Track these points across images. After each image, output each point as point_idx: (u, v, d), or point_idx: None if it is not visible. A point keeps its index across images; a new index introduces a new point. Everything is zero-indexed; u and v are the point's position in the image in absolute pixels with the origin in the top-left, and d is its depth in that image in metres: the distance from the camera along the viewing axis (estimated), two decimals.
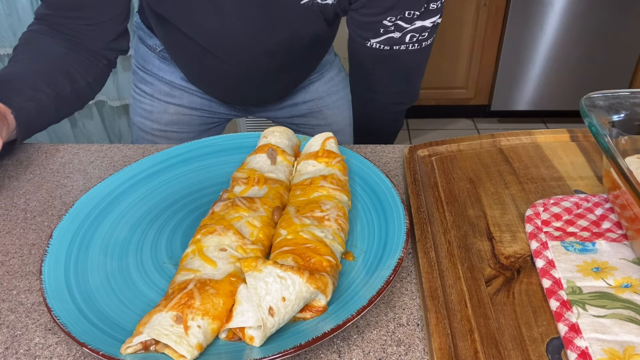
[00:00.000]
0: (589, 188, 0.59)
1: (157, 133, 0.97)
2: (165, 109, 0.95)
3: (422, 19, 0.73)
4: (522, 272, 0.48)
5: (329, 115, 1.00)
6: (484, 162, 0.65)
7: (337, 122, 1.00)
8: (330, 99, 0.99)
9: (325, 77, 0.98)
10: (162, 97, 0.95)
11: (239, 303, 0.41)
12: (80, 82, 0.76)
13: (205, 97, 0.96)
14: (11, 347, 0.44)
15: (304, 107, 0.99)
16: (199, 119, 0.98)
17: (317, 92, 0.98)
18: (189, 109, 0.96)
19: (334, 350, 0.43)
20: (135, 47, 0.96)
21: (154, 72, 0.93)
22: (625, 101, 0.54)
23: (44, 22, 0.75)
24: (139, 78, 0.95)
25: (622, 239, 0.50)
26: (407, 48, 0.77)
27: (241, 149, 0.67)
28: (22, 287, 0.51)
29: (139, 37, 0.93)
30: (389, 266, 0.46)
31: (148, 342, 0.40)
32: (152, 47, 0.91)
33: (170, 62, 0.92)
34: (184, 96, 0.95)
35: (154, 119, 0.96)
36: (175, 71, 0.93)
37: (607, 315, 0.41)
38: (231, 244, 0.47)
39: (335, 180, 0.55)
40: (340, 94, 1.00)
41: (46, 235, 0.58)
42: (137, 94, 0.96)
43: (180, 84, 0.94)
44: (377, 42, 0.76)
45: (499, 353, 0.40)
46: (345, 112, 1.01)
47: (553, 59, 2.44)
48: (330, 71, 0.99)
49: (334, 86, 0.99)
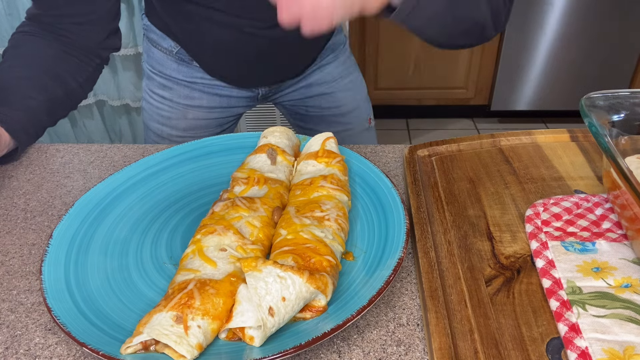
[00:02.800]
0: (589, 188, 0.59)
1: (175, 139, 0.97)
2: (184, 114, 0.95)
3: None
4: (522, 272, 0.48)
5: (340, 97, 1.01)
6: (484, 162, 0.65)
7: (346, 105, 1.02)
8: (342, 81, 1.01)
9: (340, 59, 1.00)
10: (182, 101, 0.94)
11: (239, 303, 0.41)
12: (72, 84, 0.76)
13: (224, 93, 0.95)
14: (11, 347, 0.44)
15: (318, 89, 1.00)
16: (215, 121, 0.98)
17: (331, 74, 0.99)
18: (208, 110, 0.96)
19: (334, 350, 0.43)
20: (147, 51, 0.94)
21: (172, 75, 0.92)
22: (625, 101, 0.54)
23: (35, 22, 0.75)
24: (157, 84, 0.94)
25: (622, 239, 0.50)
26: None
27: (241, 149, 0.67)
28: (22, 287, 0.51)
29: (151, 40, 0.92)
30: (389, 266, 0.46)
31: (148, 342, 0.40)
32: (167, 50, 0.90)
33: (189, 63, 0.91)
34: (203, 97, 0.94)
35: (172, 125, 0.96)
36: (193, 72, 0.92)
37: (607, 315, 0.41)
38: (231, 244, 0.47)
39: (335, 180, 0.55)
40: (351, 77, 1.02)
41: (46, 235, 0.58)
42: (154, 100, 0.95)
43: (200, 82, 0.93)
44: None
45: (499, 353, 0.40)
46: (357, 95, 1.03)
47: (553, 59, 2.44)
48: (344, 53, 1.01)
49: (345, 69, 1.01)
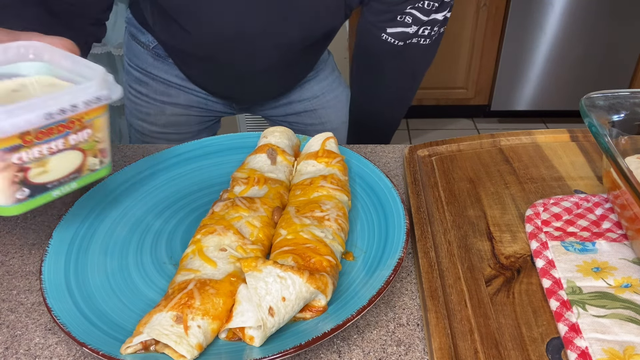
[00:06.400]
0: (589, 188, 0.59)
1: (156, 135, 0.97)
2: (161, 110, 0.94)
3: (437, 12, 0.75)
4: (522, 272, 0.48)
5: (323, 114, 1.00)
6: (484, 162, 0.65)
7: (331, 121, 1.01)
8: (324, 97, 0.99)
9: (320, 76, 0.98)
10: (159, 97, 0.93)
11: (239, 303, 0.41)
12: None
13: (202, 95, 0.94)
14: (11, 347, 0.44)
15: (299, 105, 0.99)
16: (195, 118, 0.98)
17: (312, 90, 0.98)
18: (186, 107, 0.95)
19: (334, 350, 0.43)
20: (127, 44, 0.93)
21: (148, 70, 0.91)
22: (625, 101, 0.54)
23: None
24: (133, 78, 0.93)
25: (622, 239, 0.50)
26: (419, 42, 0.78)
27: (241, 149, 0.67)
28: (22, 287, 0.51)
29: (131, 34, 0.90)
30: (389, 266, 0.46)
31: (148, 342, 0.40)
32: (144, 44, 0.89)
33: (165, 59, 0.89)
34: (180, 95, 0.93)
35: (151, 121, 0.95)
36: (169, 69, 0.90)
37: (607, 315, 0.41)
38: (231, 244, 0.47)
39: (335, 180, 0.55)
40: (335, 93, 1.00)
41: (46, 235, 0.58)
42: (133, 96, 0.95)
43: (175, 82, 0.92)
44: (391, 33, 0.77)
45: (499, 353, 0.40)
46: (340, 111, 1.01)
47: (553, 59, 2.44)
48: (325, 70, 0.99)
49: (328, 85, 0.99)
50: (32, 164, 0.40)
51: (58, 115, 0.39)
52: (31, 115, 0.37)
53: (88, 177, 0.46)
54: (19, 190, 0.40)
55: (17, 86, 0.44)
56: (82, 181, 0.46)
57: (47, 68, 0.46)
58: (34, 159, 0.40)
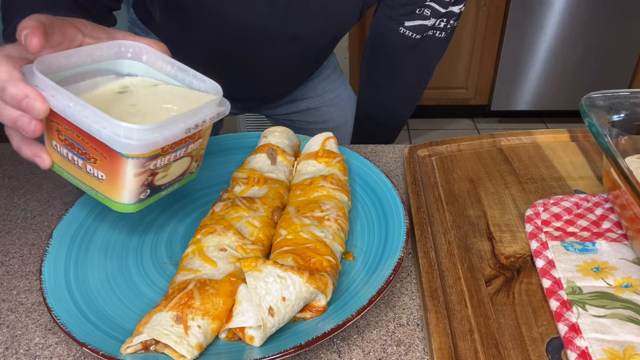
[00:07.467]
0: (589, 188, 0.59)
1: None
2: None
3: (454, 4, 0.75)
4: (522, 272, 0.48)
5: (325, 112, 1.00)
6: (484, 162, 0.65)
7: (333, 120, 1.01)
8: (327, 96, 0.99)
9: (323, 74, 0.98)
10: None
11: (239, 303, 0.41)
12: None
13: None
14: (11, 347, 0.44)
15: (302, 103, 0.99)
16: None
17: (315, 89, 0.98)
18: None
19: (334, 350, 0.43)
20: None
21: None
22: (625, 101, 0.54)
23: None
24: None
25: (622, 239, 0.50)
26: (434, 35, 0.79)
27: (241, 149, 0.67)
28: (22, 287, 0.51)
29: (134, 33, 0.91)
30: (389, 266, 0.46)
31: (148, 342, 0.40)
32: None
33: None
34: None
35: None
36: None
37: (607, 315, 0.41)
38: (231, 244, 0.47)
39: (335, 180, 0.55)
40: (337, 91, 1.00)
41: (46, 235, 0.58)
42: None
43: None
44: (409, 26, 0.77)
45: (499, 353, 0.40)
46: (341, 110, 1.01)
47: (553, 59, 2.44)
48: (328, 68, 0.99)
49: (330, 83, 0.99)
50: (161, 169, 0.44)
51: (193, 130, 0.43)
52: (176, 130, 0.41)
53: (186, 179, 0.50)
54: (144, 191, 0.45)
55: (120, 88, 0.48)
56: (182, 182, 0.50)
57: (144, 68, 0.49)
58: (163, 165, 0.44)
